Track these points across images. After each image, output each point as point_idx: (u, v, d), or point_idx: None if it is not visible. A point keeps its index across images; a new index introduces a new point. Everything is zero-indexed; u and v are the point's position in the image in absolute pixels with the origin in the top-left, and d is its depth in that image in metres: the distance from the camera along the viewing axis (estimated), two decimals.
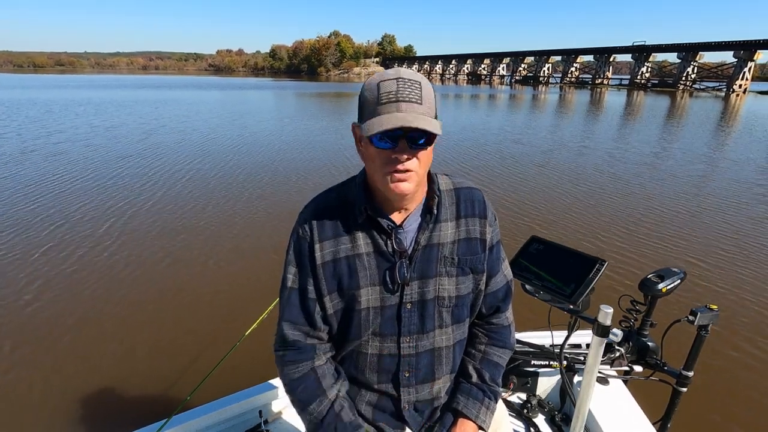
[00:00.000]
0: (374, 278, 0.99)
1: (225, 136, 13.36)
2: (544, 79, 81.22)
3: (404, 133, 0.86)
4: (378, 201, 0.99)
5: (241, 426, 1.65)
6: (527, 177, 8.82)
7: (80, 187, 7.31)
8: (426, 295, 1.02)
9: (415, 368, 1.05)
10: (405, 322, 1.02)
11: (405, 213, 1.00)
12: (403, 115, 0.84)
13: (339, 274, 1.00)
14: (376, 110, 0.86)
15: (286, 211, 6.31)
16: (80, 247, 4.91)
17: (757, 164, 10.39)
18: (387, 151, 0.88)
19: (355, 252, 0.99)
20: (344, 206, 1.01)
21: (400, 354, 1.04)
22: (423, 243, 1.00)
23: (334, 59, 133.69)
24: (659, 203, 7.05)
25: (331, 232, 1.00)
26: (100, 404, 2.74)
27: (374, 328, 1.02)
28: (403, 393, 1.06)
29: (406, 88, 0.86)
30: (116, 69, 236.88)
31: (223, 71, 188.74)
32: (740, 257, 4.99)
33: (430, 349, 1.05)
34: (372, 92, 0.87)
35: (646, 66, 68.02)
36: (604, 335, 1.32)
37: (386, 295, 1.00)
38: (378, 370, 1.05)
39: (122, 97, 29.33)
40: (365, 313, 1.01)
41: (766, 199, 7.39)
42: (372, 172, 0.94)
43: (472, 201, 1.06)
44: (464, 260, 1.03)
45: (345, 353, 1.08)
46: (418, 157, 0.89)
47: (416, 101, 0.86)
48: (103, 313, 3.66)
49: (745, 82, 56.38)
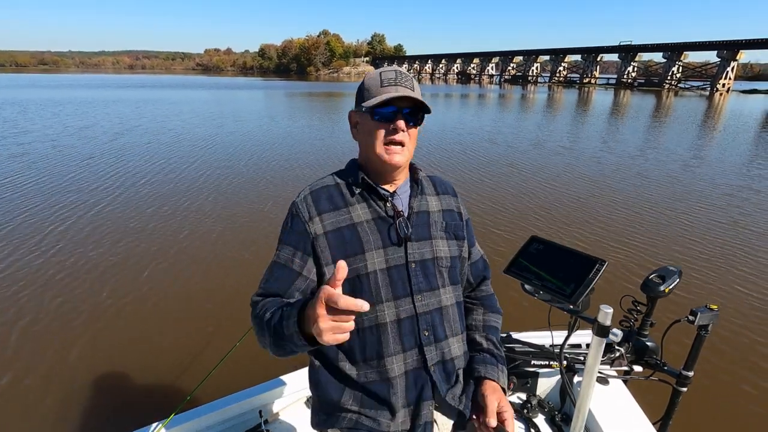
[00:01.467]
0: (377, 242, 1.06)
1: (198, 137, 12.99)
2: (532, 78, 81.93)
3: (400, 111, 1.03)
4: (372, 176, 1.10)
5: (241, 426, 1.66)
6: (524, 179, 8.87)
7: (33, 190, 7.04)
8: (425, 254, 1.10)
9: (431, 326, 1.09)
10: (414, 280, 1.07)
11: (395, 185, 1.13)
12: (402, 91, 1.02)
13: (342, 241, 1.05)
14: (378, 91, 1.03)
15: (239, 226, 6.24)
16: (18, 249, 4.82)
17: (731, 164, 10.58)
18: (385, 124, 1.03)
19: (355, 221, 1.07)
20: (339, 185, 1.12)
21: (417, 313, 1.07)
22: (416, 209, 1.12)
23: (323, 59, 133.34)
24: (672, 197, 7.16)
25: (330, 206, 1.08)
26: (100, 404, 2.72)
27: (386, 293, 1.05)
28: (428, 353, 1.08)
29: (403, 78, 1.05)
30: (101, 68, 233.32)
31: (211, 71, 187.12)
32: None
33: (438, 308, 1.11)
34: (374, 80, 1.05)
35: (633, 65, 69.04)
36: (604, 335, 1.32)
37: (391, 256, 1.06)
38: (401, 336, 1.07)
39: (104, 97, 28.80)
40: (373, 276, 1.04)
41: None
42: (369, 147, 1.07)
43: (444, 184, 1.25)
44: (450, 225, 1.17)
45: (363, 337, 1.06)
46: (410, 134, 1.06)
47: (411, 88, 1.05)
48: (87, 311, 3.60)
49: (729, 81, 57.55)
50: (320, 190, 1.11)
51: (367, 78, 1.07)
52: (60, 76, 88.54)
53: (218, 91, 39.85)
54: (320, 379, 1.11)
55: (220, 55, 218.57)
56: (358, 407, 1.06)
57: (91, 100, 26.38)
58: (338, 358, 1.09)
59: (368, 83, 1.05)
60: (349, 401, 1.07)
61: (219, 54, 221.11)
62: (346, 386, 1.08)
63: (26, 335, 3.34)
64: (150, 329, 3.48)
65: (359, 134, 1.10)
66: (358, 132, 1.10)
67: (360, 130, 1.09)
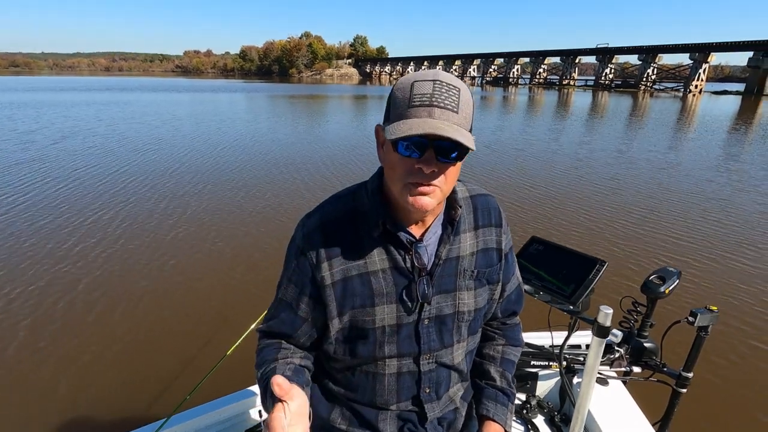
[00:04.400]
0: (391, 296, 0.91)
1: (148, 138, 12.59)
2: (513, 80, 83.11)
3: (432, 142, 0.76)
4: (395, 212, 0.91)
5: (241, 426, 1.64)
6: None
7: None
8: (444, 309, 0.95)
9: (435, 383, 1.00)
10: (424, 339, 0.95)
11: (423, 225, 0.93)
12: (434, 121, 0.74)
13: (351, 293, 0.91)
14: (405, 113, 0.76)
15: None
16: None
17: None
18: (411, 159, 0.78)
19: (369, 269, 0.91)
20: (355, 218, 0.92)
21: (420, 371, 0.97)
22: (444, 257, 0.93)
23: (306, 60, 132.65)
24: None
25: (342, 248, 0.91)
26: (99, 404, 2.72)
27: (390, 350, 0.94)
28: (428, 410, 1.00)
29: (442, 93, 0.76)
30: (76, 70, 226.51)
31: (191, 73, 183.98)
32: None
33: (450, 365, 1.01)
34: (404, 92, 0.78)
35: (610, 67, 70.69)
36: (604, 336, 1.32)
37: (403, 314, 0.93)
38: (398, 390, 0.98)
39: (69, 100, 27.66)
40: (380, 332, 0.93)
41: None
42: (391, 181, 0.85)
43: (489, 209, 1.01)
44: (483, 272, 0.99)
45: (359, 378, 0.99)
46: (444, 173, 0.80)
47: (452, 109, 0.76)
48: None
49: (701, 82, 59.45)
50: (332, 223, 0.92)
51: (397, 86, 0.81)
52: (32, 78, 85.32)
53: (196, 94, 38.75)
54: (312, 394, 1.05)
55: (200, 56, 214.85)
56: (347, 426, 1.03)
57: (56, 102, 25.38)
58: (330, 383, 1.05)
59: (396, 95, 0.79)
60: (337, 420, 1.03)
61: (199, 56, 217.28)
62: (336, 405, 1.04)
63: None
64: (149, 329, 3.45)
65: (384, 160, 0.87)
66: (383, 156, 0.87)
67: (384, 156, 0.86)
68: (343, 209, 0.93)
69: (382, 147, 0.86)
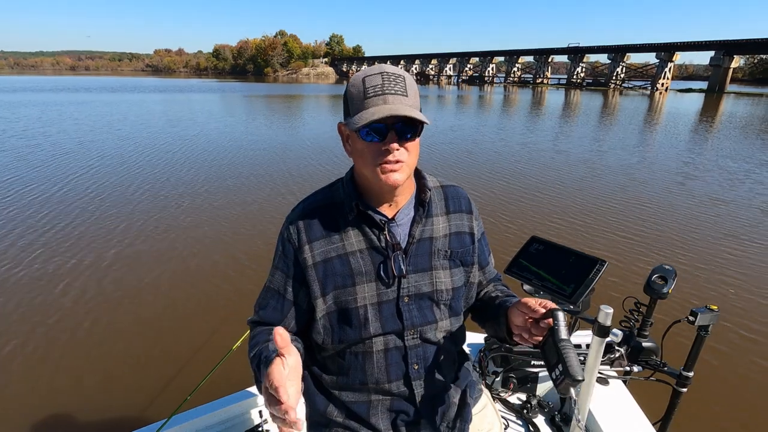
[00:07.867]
0: (370, 275, 0.99)
1: (95, 141, 12.12)
2: (489, 78, 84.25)
3: (391, 125, 0.87)
4: (368, 197, 1.00)
5: (241, 426, 1.64)
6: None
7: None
8: (422, 288, 1.02)
9: (422, 359, 1.04)
10: (406, 315, 1.01)
11: (395, 207, 1.01)
12: (390, 106, 0.85)
13: (332, 273, 0.99)
14: (363, 104, 0.87)
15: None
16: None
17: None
18: (376, 144, 0.89)
19: (347, 250, 0.99)
20: (332, 206, 1.02)
21: (406, 346, 1.02)
22: (417, 236, 1.02)
23: (281, 59, 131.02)
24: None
25: (321, 232, 1.00)
26: (99, 404, 2.72)
27: (375, 328, 1.00)
28: (416, 386, 1.04)
29: (391, 82, 0.87)
30: (39, 70, 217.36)
31: (162, 72, 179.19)
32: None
33: (435, 341, 1.05)
34: (357, 88, 0.88)
35: (581, 66, 72.56)
36: (604, 336, 1.31)
37: (383, 290, 1.00)
38: (387, 367, 1.02)
39: (17, 100, 26.43)
40: (363, 310, 0.99)
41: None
42: (362, 167, 0.95)
43: (459, 197, 1.11)
44: (456, 253, 1.06)
45: (349, 361, 1.04)
46: (406, 148, 0.91)
47: (402, 93, 0.87)
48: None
49: (667, 81, 61.71)
50: (313, 212, 1.02)
51: (350, 84, 0.91)
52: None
53: (169, 95, 37.46)
54: (308, 389, 1.11)
55: (172, 55, 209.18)
56: (343, 419, 1.06)
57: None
58: (323, 374, 1.09)
59: (351, 92, 0.90)
60: (334, 413, 1.07)
61: (170, 54, 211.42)
62: (331, 399, 1.08)
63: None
64: (149, 329, 3.46)
65: (351, 152, 0.97)
66: (350, 148, 0.97)
67: (351, 148, 0.96)
68: (322, 199, 1.04)
69: (348, 141, 0.97)
